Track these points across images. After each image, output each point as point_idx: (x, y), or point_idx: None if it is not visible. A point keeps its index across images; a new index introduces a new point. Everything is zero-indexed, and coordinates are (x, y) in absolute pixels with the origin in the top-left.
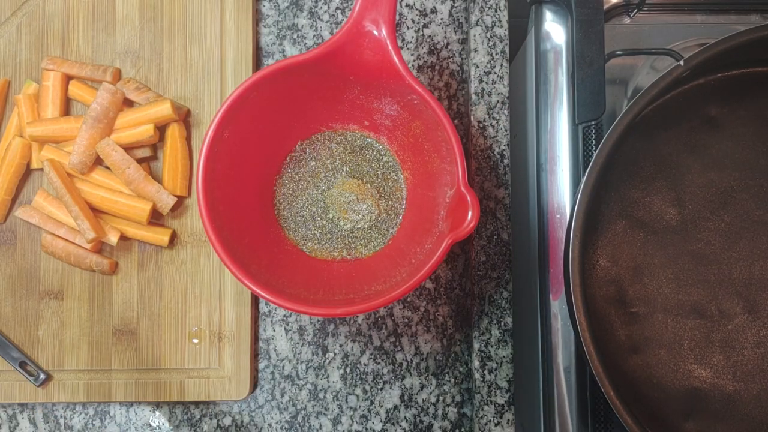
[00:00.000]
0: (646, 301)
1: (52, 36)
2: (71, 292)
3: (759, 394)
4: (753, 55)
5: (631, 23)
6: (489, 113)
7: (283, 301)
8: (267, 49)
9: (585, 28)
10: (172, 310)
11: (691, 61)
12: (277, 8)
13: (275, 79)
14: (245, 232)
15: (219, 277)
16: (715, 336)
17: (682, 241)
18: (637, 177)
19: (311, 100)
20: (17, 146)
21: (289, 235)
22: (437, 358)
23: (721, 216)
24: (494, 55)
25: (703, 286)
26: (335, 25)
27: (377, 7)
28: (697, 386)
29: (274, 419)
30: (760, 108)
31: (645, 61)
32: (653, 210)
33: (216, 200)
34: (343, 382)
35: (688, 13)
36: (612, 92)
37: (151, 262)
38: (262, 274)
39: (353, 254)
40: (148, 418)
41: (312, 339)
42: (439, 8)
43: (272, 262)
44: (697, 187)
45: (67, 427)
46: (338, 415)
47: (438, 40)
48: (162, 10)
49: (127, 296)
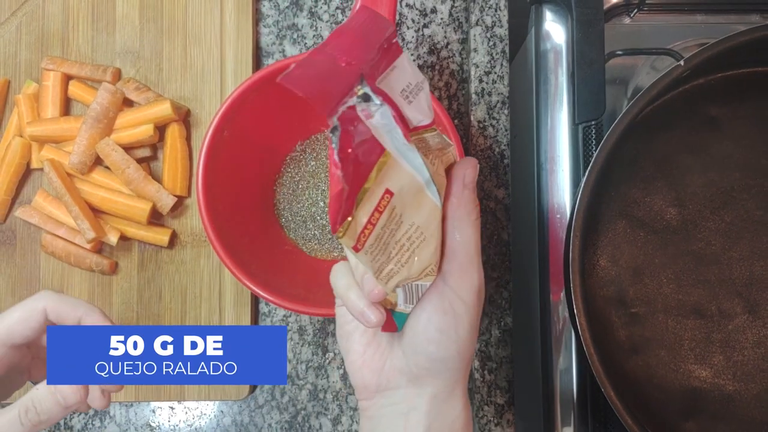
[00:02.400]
0: (647, 302)
1: (52, 36)
2: (71, 292)
3: (759, 394)
4: (753, 55)
5: (631, 23)
6: (489, 113)
7: (283, 301)
8: (267, 49)
9: (585, 27)
10: (172, 311)
11: (691, 61)
12: (277, 8)
13: (275, 79)
14: (245, 232)
15: (219, 277)
16: (716, 336)
17: (683, 241)
18: (637, 177)
19: None
20: (17, 146)
21: (289, 235)
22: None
23: (721, 216)
24: (494, 54)
25: (703, 286)
26: (335, 24)
27: (377, 6)
28: (697, 386)
29: (274, 419)
30: (761, 108)
31: (645, 61)
32: (653, 210)
33: (216, 200)
34: (343, 382)
35: (688, 13)
36: (612, 92)
37: (151, 262)
38: (262, 274)
39: None
40: (148, 419)
41: (312, 339)
42: (439, 8)
43: (272, 262)
44: (697, 187)
45: (67, 427)
46: (338, 415)
47: (438, 39)
48: (162, 9)
49: (127, 296)
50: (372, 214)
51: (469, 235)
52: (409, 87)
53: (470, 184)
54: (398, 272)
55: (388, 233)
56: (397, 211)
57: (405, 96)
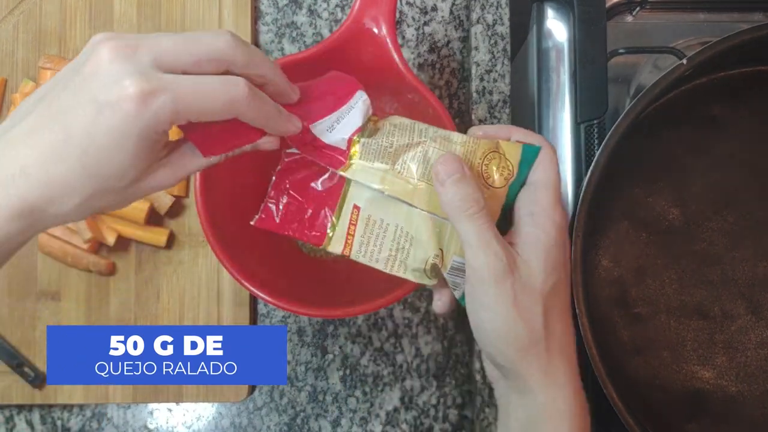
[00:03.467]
0: (649, 302)
1: (49, 34)
2: (68, 293)
3: (762, 395)
4: (756, 54)
5: (634, 21)
6: (490, 112)
7: (282, 302)
8: (266, 47)
9: (587, 26)
10: (170, 311)
11: (694, 59)
12: (275, 6)
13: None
14: (243, 233)
15: (217, 278)
16: (719, 337)
17: (685, 241)
18: (639, 177)
19: None
20: None
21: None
22: (438, 359)
23: (724, 216)
24: (495, 53)
25: (706, 287)
26: (335, 23)
27: (377, 4)
28: (700, 387)
29: (272, 422)
30: (764, 107)
31: (647, 59)
32: (656, 210)
33: (214, 200)
34: (342, 383)
35: (690, 11)
36: (614, 91)
37: (149, 262)
38: (261, 274)
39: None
40: (145, 420)
41: (311, 340)
42: (439, 6)
43: (271, 263)
44: (700, 187)
45: (65, 429)
46: (338, 417)
47: (439, 38)
48: (160, 8)
49: (125, 297)
50: (349, 228)
51: (465, 229)
52: (332, 119)
53: (443, 180)
54: (403, 261)
55: (375, 237)
56: (374, 218)
57: (328, 128)
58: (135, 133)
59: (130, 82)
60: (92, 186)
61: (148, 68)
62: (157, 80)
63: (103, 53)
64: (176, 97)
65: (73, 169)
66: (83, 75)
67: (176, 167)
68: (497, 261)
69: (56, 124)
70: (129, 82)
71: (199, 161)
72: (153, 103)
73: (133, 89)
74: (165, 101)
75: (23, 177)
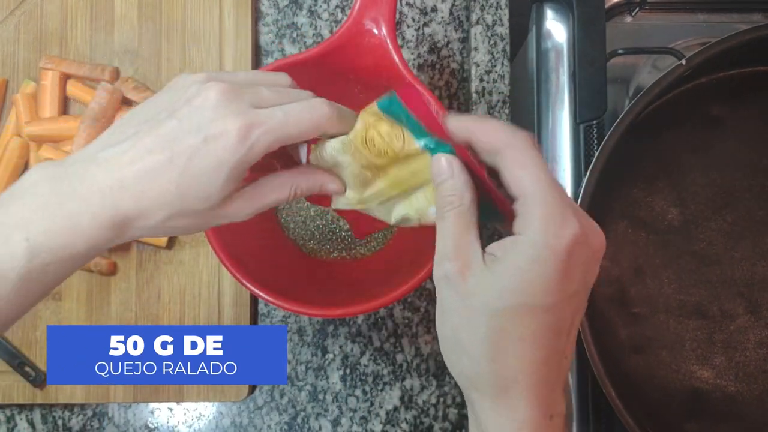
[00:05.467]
0: (648, 302)
1: (50, 35)
2: (69, 293)
3: (761, 395)
4: (755, 54)
5: (633, 22)
6: (490, 112)
7: (282, 302)
8: (266, 48)
9: (586, 26)
10: (171, 311)
11: (692, 60)
12: (276, 7)
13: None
14: (244, 232)
15: (218, 278)
16: (717, 337)
17: (684, 241)
18: (638, 177)
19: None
20: (15, 146)
21: (289, 235)
22: (438, 359)
23: (723, 216)
24: (495, 53)
25: (705, 287)
26: (335, 23)
27: (377, 5)
28: (698, 387)
29: (273, 421)
30: (762, 107)
31: (647, 60)
32: (655, 210)
33: None
34: (342, 383)
35: (690, 12)
36: (613, 91)
37: (150, 262)
38: (261, 274)
39: (353, 254)
40: (146, 420)
41: (311, 340)
42: (439, 7)
43: (271, 263)
44: (699, 186)
45: (66, 428)
46: (338, 416)
47: (438, 38)
48: (161, 8)
49: (126, 297)
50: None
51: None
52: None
53: (441, 181)
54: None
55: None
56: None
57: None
58: (231, 162)
59: (234, 120)
60: (180, 205)
61: (247, 108)
62: (255, 115)
63: (211, 92)
64: (269, 128)
65: (168, 187)
66: (192, 107)
67: (254, 199)
68: (450, 265)
69: (161, 146)
70: (233, 120)
71: (276, 196)
72: (250, 137)
73: (236, 126)
74: (259, 134)
75: (121, 189)
